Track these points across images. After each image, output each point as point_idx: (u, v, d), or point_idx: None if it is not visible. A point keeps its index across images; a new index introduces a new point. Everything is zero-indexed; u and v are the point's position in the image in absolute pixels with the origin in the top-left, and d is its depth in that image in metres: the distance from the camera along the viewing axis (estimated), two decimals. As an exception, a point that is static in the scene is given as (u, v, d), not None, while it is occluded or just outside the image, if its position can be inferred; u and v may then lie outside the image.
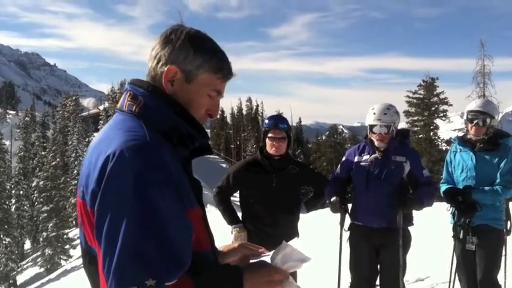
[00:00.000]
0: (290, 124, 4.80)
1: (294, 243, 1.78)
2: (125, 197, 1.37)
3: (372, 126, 4.52)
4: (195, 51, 1.60)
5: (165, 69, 1.59)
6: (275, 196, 4.52)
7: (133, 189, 1.37)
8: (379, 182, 4.43)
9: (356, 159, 4.63)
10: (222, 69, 1.65)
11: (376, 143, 4.54)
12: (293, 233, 4.53)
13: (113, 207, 1.37)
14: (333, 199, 4.60)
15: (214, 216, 4.66)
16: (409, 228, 4.56)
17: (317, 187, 4.88)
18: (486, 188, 4.49)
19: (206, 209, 1.69)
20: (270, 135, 4.56)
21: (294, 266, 1.69)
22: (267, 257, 1.74)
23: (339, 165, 4.81)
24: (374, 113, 4.50)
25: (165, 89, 1.59)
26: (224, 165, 58.61)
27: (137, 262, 1.34)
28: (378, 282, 4.67)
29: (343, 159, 4.79)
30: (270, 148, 4.57)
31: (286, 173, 4.60)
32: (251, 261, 1.80)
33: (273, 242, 1.92)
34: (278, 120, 4.64)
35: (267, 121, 4.69)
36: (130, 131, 1.48)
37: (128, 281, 1.33)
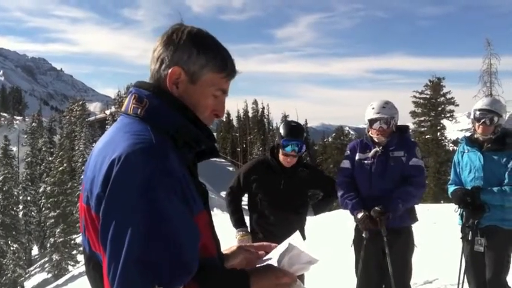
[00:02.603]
0: (305, 135, 4.67)
1: (300, 243, 1.74)
2: (131, 202, 1.35)
3: (371, 122, 4.51)
4: (198, 51, 1.57)
5: (169, 71, 1.56)
6: (282, 198, 4.51)
7: (140, 193, 1.35)
8: (381, 179, 4.41)
9: (358, 156, 4.58)
10: (226, 67, 1.62)
11: (376, 139, 4.51)
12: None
13: (119, 212, 1.35)
14: (359, 215, 4.41)
15: (220, 219, 4.66)
16: (416, 227, 4.54)
17: (326, 191, 4.82)
18: (494, 189, 4.44)
19: (212, 213, 1.67)
20: (284, 151, 4.52)
21: (302, 269, 1.67)
22: (274, 260, 1.70)
23: (346, 161, 4.67)
24: (373, 108, 4.51)
25: (170, 91, 1.57)
26: (231, 169, 58.68)
27: (143, 269, 1.31)
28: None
29: (348, 153, 4.69)
30: (282, 159, 4.55)
31: (295, 176, 4.59)
32: (257, 265, 1.78)
33: (278, 242, 1.90)
34: (294, 143, 4.48)
35: (282, 132, 4.54)
36: (136, 135, 1.46)
37: None
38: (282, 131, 4.59)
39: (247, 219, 4.73)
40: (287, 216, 4.52)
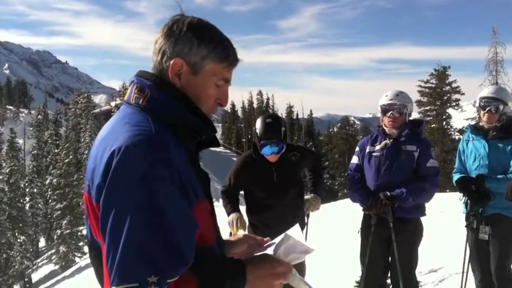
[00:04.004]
0: (284, 129, 4.41)
1: (297, 234, 1.76)
2: (130, 193, 1.36)
3: (385, 110, 4.48)
4: (199, 42, 1.58)
5: (171, 63, 1.57)
6: (277, 191, 4.46)
7: (139, 184, 1.36)
8: (390, 172, 4.39)
9: (368, 149, 4.57)
10: (228, 57, 1.63)
11: (387, 129, 4.49)
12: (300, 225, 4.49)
13: (118, 203, 1.37)
14: (369, 202, 4.44)
15: (224, 210, 4.67)
16: (422, 218, 4.53)
17: (312, 168, 4.82)
18: (499, 177, 4.43)
19: (218, 203, 1.68)
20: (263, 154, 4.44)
21: (297, 258, 1.69)
22: (270, 250, 1.72)
23: (354, 156, 4.70)
24: (386, 95, 4.50)
25: (173, 83, 1.58)
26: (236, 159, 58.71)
27: (140, 258, 1.33)
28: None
29: (357, 149, 4.71)
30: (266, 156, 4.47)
31: (286, 163, 4.49)
32: (255, 254, 1.79)
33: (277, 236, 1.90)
34: (273, 144, 4.34)
35: (258, 132, 4.36)
36: (136, 125, 1.47)
37: (130, 277, 1.32)
38: (258, 130, 4.41)
39: (244, 213, 4.68)
40: (285, 209, 4.46)
